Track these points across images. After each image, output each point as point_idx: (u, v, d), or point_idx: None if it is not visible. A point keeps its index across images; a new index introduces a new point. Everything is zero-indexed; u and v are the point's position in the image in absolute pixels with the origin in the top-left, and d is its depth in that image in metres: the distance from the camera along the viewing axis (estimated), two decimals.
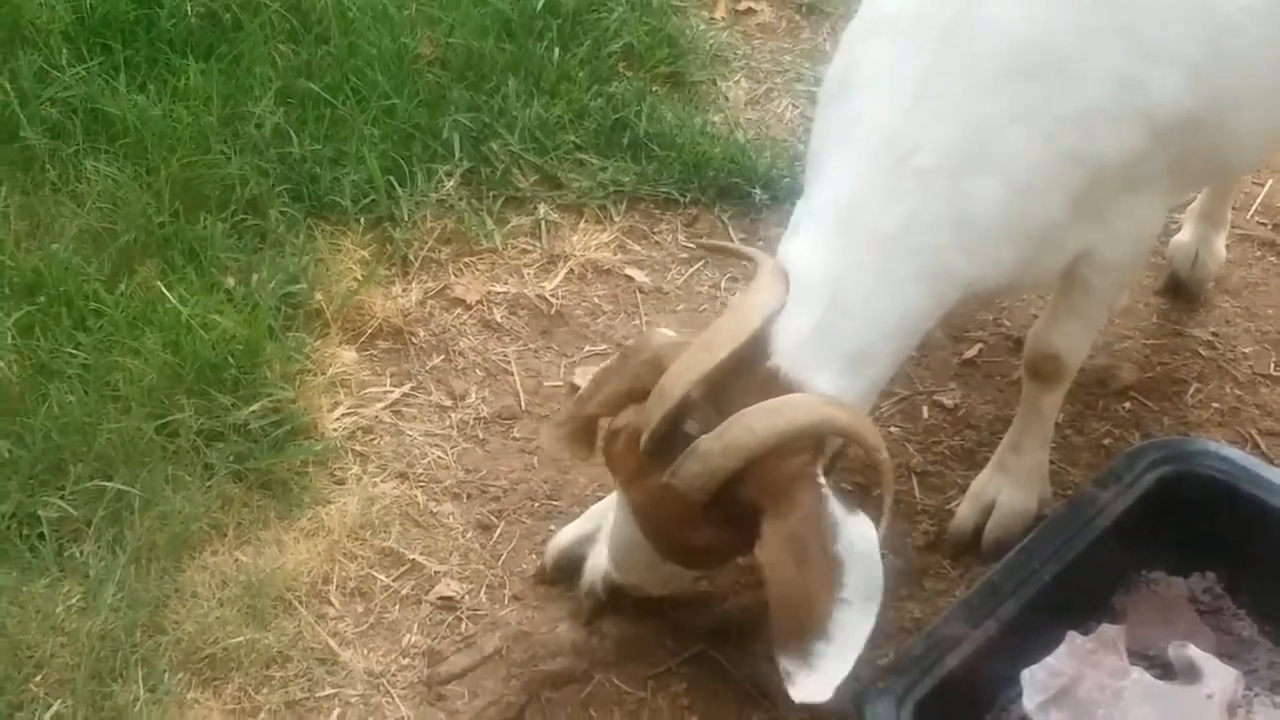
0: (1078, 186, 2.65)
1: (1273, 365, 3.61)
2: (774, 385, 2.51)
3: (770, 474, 2.47)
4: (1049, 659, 2.68)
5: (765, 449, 2.43)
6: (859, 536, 2.44)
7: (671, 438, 2.50)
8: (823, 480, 2.49)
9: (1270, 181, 4.14)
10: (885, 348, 2.62)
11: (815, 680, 2.39)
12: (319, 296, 3.65)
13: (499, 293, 3.76)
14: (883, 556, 2.61)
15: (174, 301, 3.47)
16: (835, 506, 2.46)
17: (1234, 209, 3.96)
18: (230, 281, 3.63)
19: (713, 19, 4.69)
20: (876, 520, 2.50)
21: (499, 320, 3.69)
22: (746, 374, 2.52)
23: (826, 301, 2.54)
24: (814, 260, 2.58)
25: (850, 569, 2.42)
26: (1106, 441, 3.44)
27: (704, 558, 2.71)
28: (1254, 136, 2.92)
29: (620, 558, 2.84)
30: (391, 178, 3.90)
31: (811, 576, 2.41)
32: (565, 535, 3.11)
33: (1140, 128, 2.64)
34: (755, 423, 2.43)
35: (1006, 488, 3.19)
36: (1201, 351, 3.65)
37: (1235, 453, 2.97)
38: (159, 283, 3.54)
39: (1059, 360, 3.02)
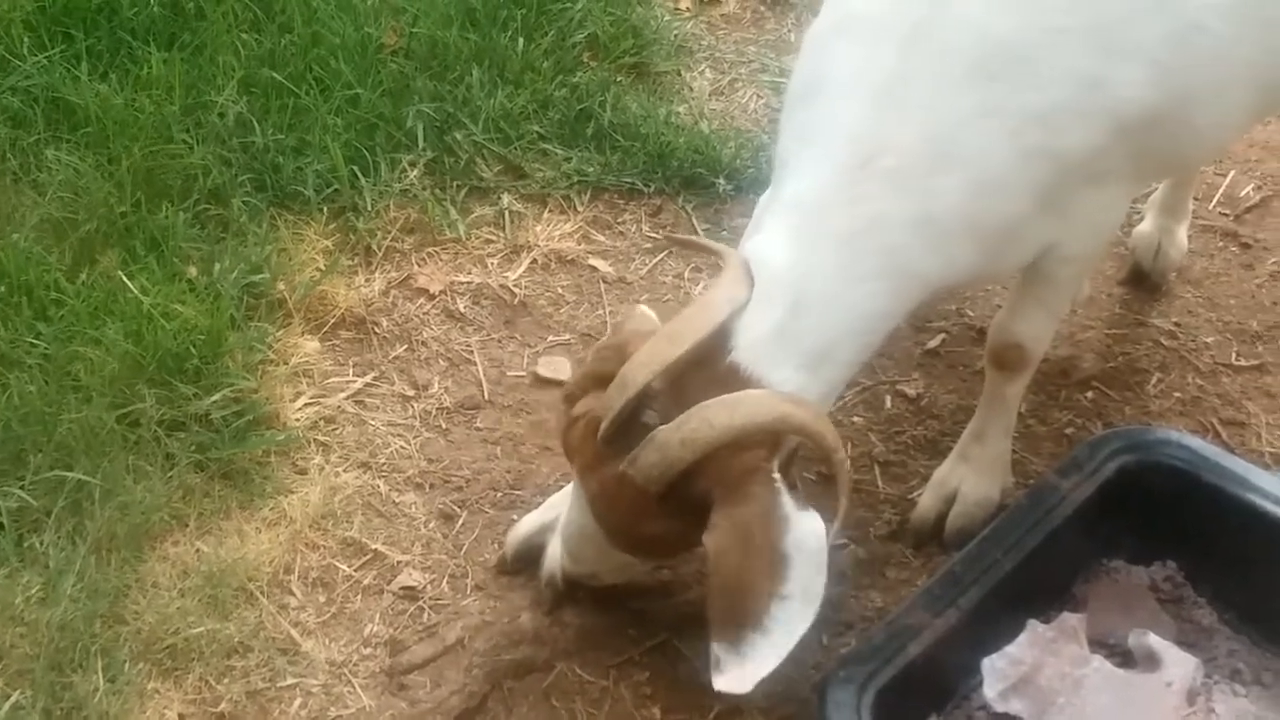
0: (1042, 182, 2.66)
1: (1234, 355, 3.62)
2: (733, 380, 2.51)
3: (725, 467, 2.46)
4: (1010, 647, 2.70)
5: (723, 442, 2.43)
6: (808, 535, 2.44)
7: (630, 427, 2.50)
8: (777, 475, 2.49)
9: (1232, 173, 4.15)
10: (846, 346, 2.62)
11: (741, 671, 2.40)
12: (281, 286, 3.64)
13: (462, 283, 3.75)
14: (844, 546, 2.61)
15: (135, 291, 3.46)
16: (787, 503, 2.46)
17: (1196, 200, 3.98)
18: (192, 271, 3.61)
19: (677, 9, 4.68)
20: (830, 518, 2.50)
21: (462, 310, 3.69)
22: (707, 368, 2.52)
23: (789, 300, 2.55)
24: (777, 258, 2.58)
25: (795, 566, 2.42)
26: (1069, 431, 3.45)
27: (656, 548, 2.72)
28: (1215, 130, 2.93)
29: (573, 546, 2.85)
30: (355, 167, 3.89)
31: (755, 567, 2.41)
32: (525, 525, 3.11)
33: (1104, 124, 2.65)
34: (714, 416, 2.42)
35: (969, 477, 3.19)
36: (1163, 341, 3.66)
37: (1196, 442, 2.98)
38: (120, 272, 3.52)
39: (1022, 350, 3.03)
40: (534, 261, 3.83)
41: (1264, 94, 2.91)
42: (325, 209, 3.84)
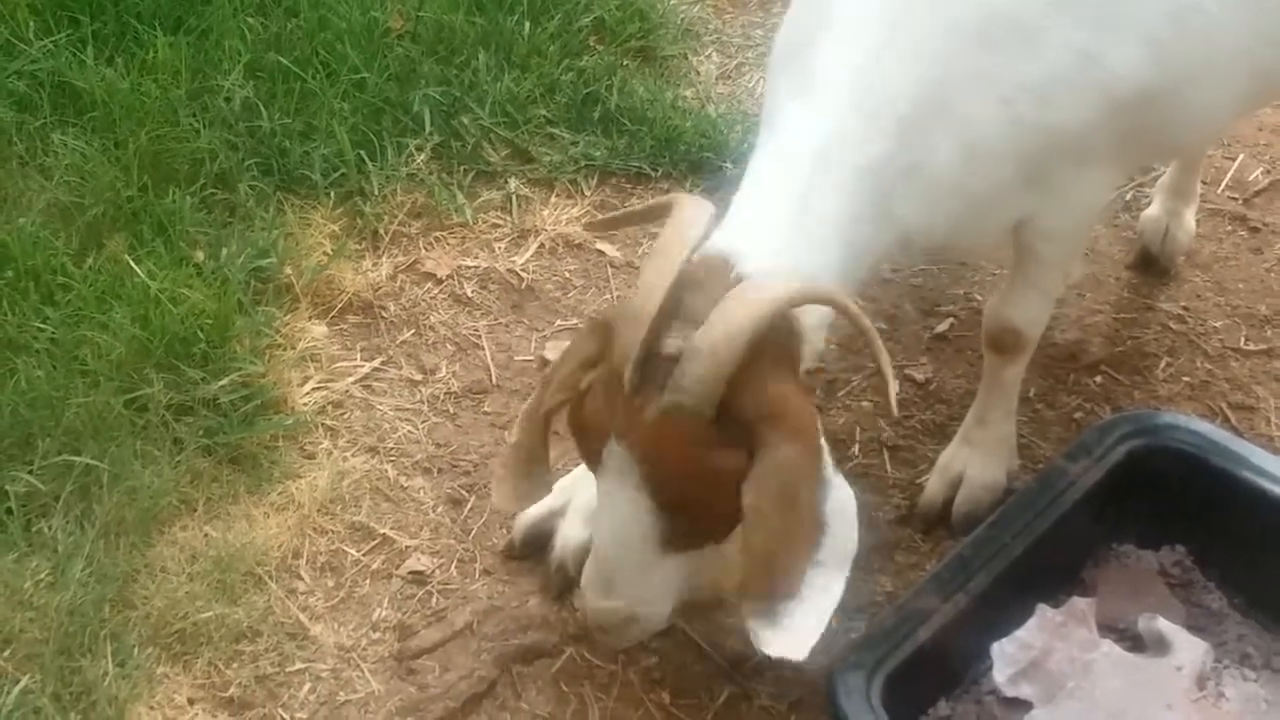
0: (1031, 154, 2.68)
1: (1243, 339, 3.61)
2: None
3: (763, 389, 2.37)
4: (1019, 632, 2.70)
5: (757, 329, 2.32)
6: (844, 502, 2.40)
7: (654, 366, 2.39)
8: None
9: (1241, 156, 4.15)
10: (836, 283, 2.56)
11: (787, 638, 2.34)
12: (289, 271, 3.64)
13: (469, 267, 3.75)
14: None
15: (142, 275, 3.45)
16: (828, 464, 2.40)
17: (1205, 183, 3.98)
18: (199, 255, 3.61)
19: None
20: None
21: (469, 295, 3.68)
22: (713, 290, 2.41)
23: (787, 235, 2.50)
24: (778, 199, 2.54)
25: (831, 533, 2.38)
26: (1077, 415, 3.44)
27: (723, 496, 2.42)
28: (1206, 114, 2.93)
29: (608, 568, 2.58)
30: (362, 152, 3.89)
31: (794, 531, 2.35)
32: (533, 510, 3.10)
33: (1098, 100, 2.66)
34: (739, 303, 2.34)
35: (974, 461, 3.19)
36: (1172, 325, 3.66)
37: (1205, 426, 2.98)
38: (127, 256, 3.52)
39: (1018, 333, 3.03)
40: (541, 246, 3.82)
41: (1255, 82, 2.92)
42: (332, 193, 3.84)
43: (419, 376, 3.49)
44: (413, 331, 3.59)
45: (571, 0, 4.35)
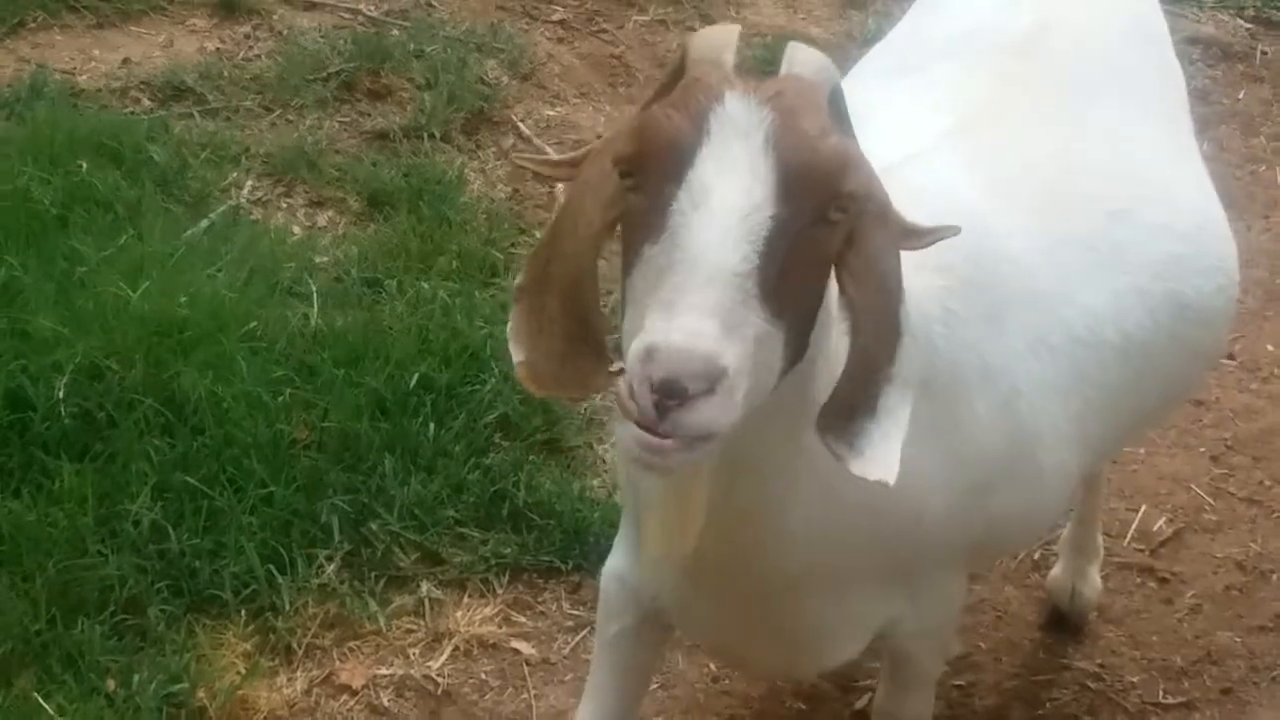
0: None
1: (1161, 693, 3.63)
2: None
3: (848, 149, 2.10)
4: None
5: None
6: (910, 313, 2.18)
7: None
8: None
9: (1144, 507, 4.21)
10: None
11: (872, 460, 2.10)
12: (202, 694, 3.59)
13: (385, 675, 3.72)
14: None
15: (52, 712, 3.40)
16: None
17: (1111, 536, 4.03)
18: (111, 685, 3.56)
19: None
20: None
21: (386, 704, 3.65)
22: None
23: None
24: None
25: (904, 344, 2.14)
26: None
27: (823, 219, 2.06)
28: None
29: (708, 264, 1.99)
30: (271, 566, 3.88)
31: (883, 338, 2.13)
32: None
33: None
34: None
35: None
36: (1090, 684, 3.67)
37: None
38: (36, 694, 3.47)
39: None
40: (456, 649, 3.80)
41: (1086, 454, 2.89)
42: (243, 610, 3.81)
43: None
44: None
45: (475, 399, 4.41)
